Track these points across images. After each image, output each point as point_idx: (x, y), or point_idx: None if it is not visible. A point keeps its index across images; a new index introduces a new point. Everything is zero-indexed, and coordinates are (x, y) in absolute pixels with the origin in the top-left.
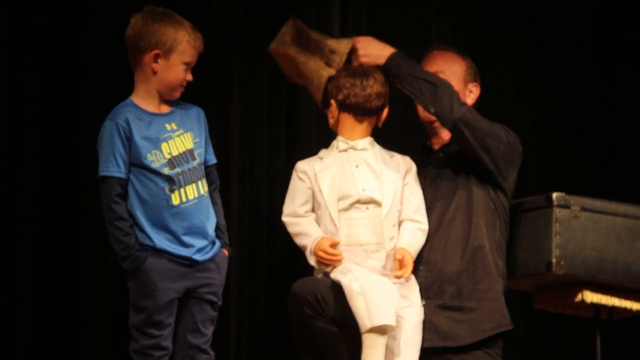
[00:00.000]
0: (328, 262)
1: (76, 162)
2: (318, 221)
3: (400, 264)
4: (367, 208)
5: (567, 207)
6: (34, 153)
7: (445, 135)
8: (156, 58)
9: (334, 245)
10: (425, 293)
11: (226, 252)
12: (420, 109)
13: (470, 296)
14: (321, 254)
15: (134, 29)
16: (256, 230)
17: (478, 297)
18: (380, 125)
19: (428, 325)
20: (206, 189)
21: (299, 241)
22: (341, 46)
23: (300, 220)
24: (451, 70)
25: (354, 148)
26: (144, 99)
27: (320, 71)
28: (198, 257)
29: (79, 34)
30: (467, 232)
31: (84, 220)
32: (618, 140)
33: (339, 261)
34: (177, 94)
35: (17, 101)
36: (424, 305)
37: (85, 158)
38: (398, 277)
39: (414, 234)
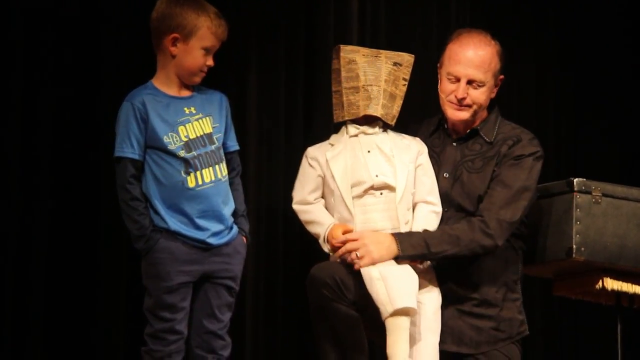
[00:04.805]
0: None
1: (95, 143)
2: (332, 208)
3: None
4: (381, 194)
5: (588, 192)
6: (51, 133)
7: (463, 128)
8: (175, 42)
9: (346, 233)
10: (443, 295)
11: (244, 240)
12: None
13: (490, 302)
14: (334, 242)
15: (157, 11)
16: (272, 216)
17: (498, 305)
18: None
19: (444, 328)
20: (225, 173)
21: (312, 229)
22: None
23: (310, 208)
24: (492, 71)
25: (364, 132)
26: (164, 83)
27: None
28: (213, 240)
29: (101, 14)
30: None
31: (101, 207)
32: None
33: None
34: (198, 79)
35: (35, 81)
36: (441, 308)
37: (105, 139)
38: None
39: (428, 216)
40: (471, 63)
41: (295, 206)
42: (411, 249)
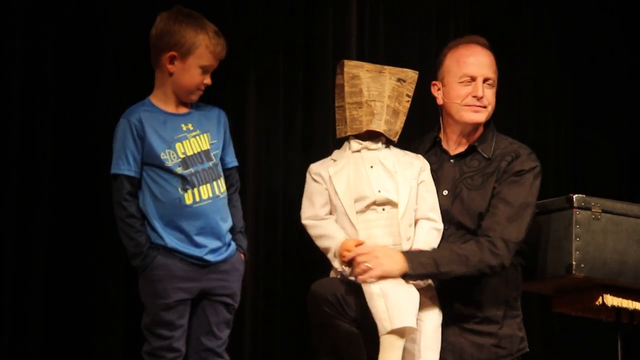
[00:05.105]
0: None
1: (93, 159)
2: None
3: None
4: (383, 209)
5: (587, 209)
6: (50, 148)
7: (463, 144)
8: (172, 59)
9: (358, 246)
10: (444, 312)
11: (242, 256)
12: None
13: (491, 320)
14: (346, 254)
15: (156, 28)
16: (271, 231)
17: (499, 322)
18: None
19: (445, 345)
20: (223, 189)
21: (322, 243)
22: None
23: (321, 223)
24: (496, 74)
25: (367, 148)
26: (161, 100)
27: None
28: (211, 257)
29: (101, 31)
30: None
31: (99, 220)
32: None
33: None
34: (195, 97)
35: (34, 95)
36: (442, 325)
37: (103, 155)
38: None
39: (430, 233)
40: (483, 61)
41: (305, 221)
42: (421, 268)
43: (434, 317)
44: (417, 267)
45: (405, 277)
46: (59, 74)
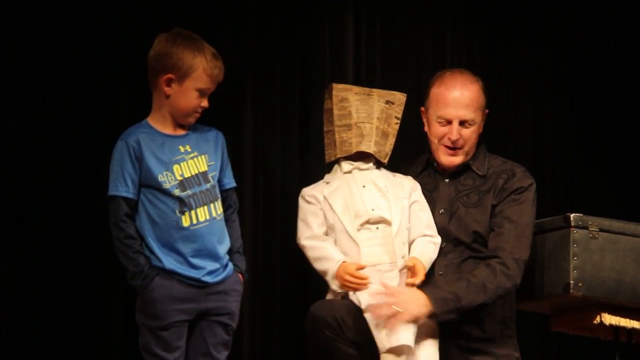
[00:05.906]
0: (354, 287)
1: (92, 179)
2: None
3: (412, 271)
4: (377, 228)
5: (584, 228)
6: (48, 165)
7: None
8: (169, 82)
9: (359, 269)
10: (442, 331)
11: (240, 277)
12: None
13: (488, 339)
14: (348, 277)
15: (154, 50)
16: (269, 253)
17: (495, 341)
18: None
19: None
20: (220, 211)
21: (320, 265)
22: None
23: (320, 244)
24: (481, 108)
25: (358, 168)
26: (158, 121)
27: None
28: (208, 279)
29: (100, 52)
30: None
31: (100, 236)
32: (637, 160)
33: (365, 285)
34: (192, 120)
35: (31, 118)
36: (441, 344)
37: (102, 175)
38: (410, 286)
39: (426, 246)
40: (461, 104)
41: (305, 242)
42: (444, 305)
43: (431, 334)
44: (441, 305)
45: (432, 317)
46: (56, 95)
